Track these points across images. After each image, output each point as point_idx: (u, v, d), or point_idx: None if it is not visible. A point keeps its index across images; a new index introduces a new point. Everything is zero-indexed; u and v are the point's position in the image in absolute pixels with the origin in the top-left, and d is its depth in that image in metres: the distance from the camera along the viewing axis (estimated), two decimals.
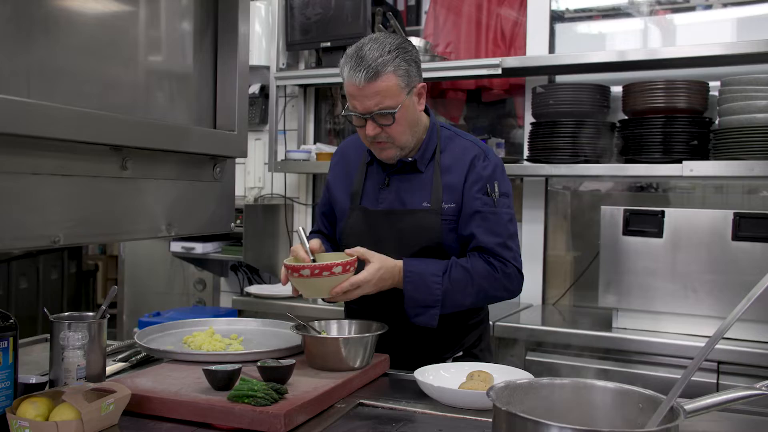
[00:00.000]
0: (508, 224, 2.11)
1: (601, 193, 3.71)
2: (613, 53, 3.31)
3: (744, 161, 2.91)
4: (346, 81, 2.03)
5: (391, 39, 2.04)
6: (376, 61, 1.97)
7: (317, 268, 1.89)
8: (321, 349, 1.87)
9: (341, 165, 2.32)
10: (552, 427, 1.09)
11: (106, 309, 1.72)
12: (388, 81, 1.99)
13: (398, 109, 2.01)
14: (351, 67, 2.00)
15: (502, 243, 2.08)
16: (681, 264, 2.85)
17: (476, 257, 2.06)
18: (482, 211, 2.08)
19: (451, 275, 2.02)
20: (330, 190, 2.32)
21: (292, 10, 3.99)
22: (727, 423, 1.69)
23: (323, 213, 2.36)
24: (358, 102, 2.03)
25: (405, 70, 2.02)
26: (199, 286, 4.59)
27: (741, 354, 2.64)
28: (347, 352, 1.86)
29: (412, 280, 2.01)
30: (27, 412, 1.41)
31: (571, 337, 2.95)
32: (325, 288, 1.92)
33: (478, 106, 4.05)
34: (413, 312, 2.02)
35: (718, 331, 1.11)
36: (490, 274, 2.05)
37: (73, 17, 1.36)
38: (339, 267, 1.90)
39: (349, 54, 2.02)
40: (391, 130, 2.04)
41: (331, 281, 1.91)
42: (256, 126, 4.38)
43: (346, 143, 2.37)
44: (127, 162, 1.46)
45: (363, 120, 2.05)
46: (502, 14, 3.85)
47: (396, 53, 2.00)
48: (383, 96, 2.00)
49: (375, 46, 2.00)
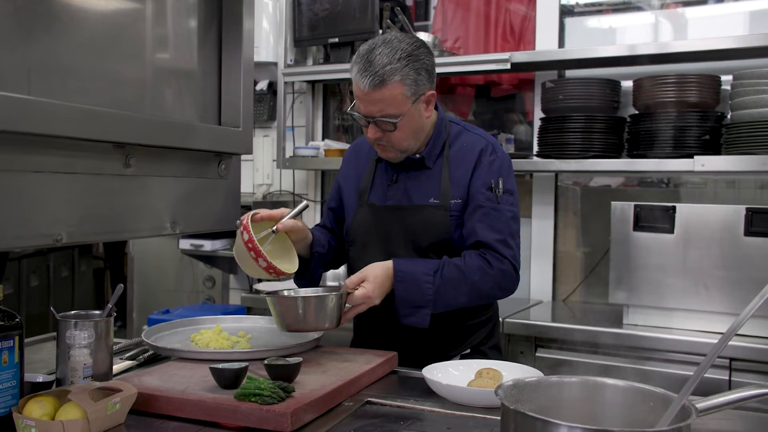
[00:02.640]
0: (509, 221, 2.09)
1: (612, 188, 3.68)
2: (623, 47, 3.28)
3: (756, 156, 2.88)
4: (353, 81, 2.01)
5: (405, 44, 2.00)
6: (384, 68, 1.94)
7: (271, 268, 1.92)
8: (278, 308, 1.88)
9: (353, 161, 2.32)
10: (561, 427, 1.08)
11: (113, 307, 1.72)
12: (393, 90, 1.96)
13: (401, 118, 1.99)
14: (359, 69, 1.97)
15: (502, 240, 2.05)
16: (692, 260, 2.83)
17: (471, 255, 2.04)
18: (484, 206, 2.07)
19: (443, 274, 1.99)
20: (340, 186, 2.31)
21: (300, 6, 3.98)
22: (739, 421, 1.67)
23: (331, 208, 2.35)
24: (362, 105, 2.01)
25: (413, 79, 1.98)
26: (208, 283, 4.59)
27: (753, 351, 2.61)
28: (305, 310, 1.86)
29: (402, 280, 1.98)
30: (33, 412, 1.40)
31: (581, 333, 2.92)
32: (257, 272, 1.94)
33: (487, 101, 4.03)
34: (404, 312, 2.00)
35: (730, 329, 1.09)
36: (483, 272, 2.02)
37: (75, 13, 1.35)
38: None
39: (360, 54, 2.00)
40: (392, 136, 2.03)
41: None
42: (264, 122, 4.38)
43: (360, 140, 2.35)
44: (130, 159, 1.45)
45: (366, 121, 2.03)
46: (511, 9, 3.83)
47: (406, 61, 1.97)
48: (387, 104, 1.98)
49: (386, 51, 1.96)
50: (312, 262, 2.19)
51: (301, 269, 2.14)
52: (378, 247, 2.14)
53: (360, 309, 1.96)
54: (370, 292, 1.93)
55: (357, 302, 1.93)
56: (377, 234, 2.14)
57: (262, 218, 2.00)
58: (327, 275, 3.72)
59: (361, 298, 1.92)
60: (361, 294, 1.92)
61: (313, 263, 2.19)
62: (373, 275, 1.95)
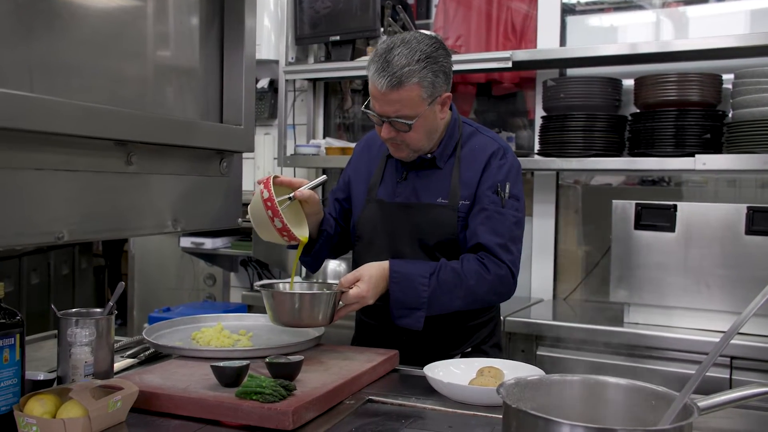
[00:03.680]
0: (512, 226, 2.08)
1: (613, 187, 3.68)
2: (624, 46, 3.28)
3: (758, 155, 2.87)
4: (369, 80, 2.00)
5: (425, 45, 1.98)
6: (402, 69, 1.93)
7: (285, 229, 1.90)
8: (272, 302, 1.89)
9: (364, 154, 2.31)
10: (563, 425, 1.08)
11: (114, 305, 1.71)
12: (410, 92, 1.95)
13: (416, 120, 1.99)
14: (376, 69, 1.96)
15: (502, 244, 2.04)
16: (693, 258, 2.83)
17: (469, 258, 2.03)
18: (488, 209, 2.06)
19: (439, 277, 1.99)
20: (350, 178, 2.30)
21: (301, 3, 3.98)
22: (740, 419, 1.67)
23: (337, 199, 2.34)
24: (378, 104, 2.00)
25: (431, 81, 1.97)
26: (209, 281, 4.59)
27: (754, 349, 2.61)
28: (299, 306, 1.87)
29: (398, 281, 1.98)
30: (34, 410, 1.40)
31: (582, 332, 2.92)
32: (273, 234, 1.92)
33: (489, 99, 4.03)
34: (398, 313, 2.00)
35: (732, 328, 1.09)
36: (480, 276, 2.00)
37: (76, 11, 1.35)
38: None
39: (379, 53, 1.98)
40: (406, 136, 2.02)
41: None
42: (265, 120, 4.37)
43: (373, 133, 2.33)
44: (132, 157, 1.45)
45: (381, 120, 2.03)
46: (512, 7, 3.83)
47: (425, 63, 1.95)
48: (403, 105, 1.97)
49: (405, 52, 1.95)
50: (320, 239, 2.19)
51: (309, 245, 2.14)
52: (384, 244, 2.14)
53: (353, 308, 1.96)
54: (364, 291, 1.93)
55: (350, 301, 1.93)
56: (384, 231, 2.14)
57: (281, 182, 2.00)
58: (327, 272, 3.72)
59: (354, 298, 1.92)
60: (354, 293, 1.92)
61: (320, 241, 2.19)
62: (368, 275, 1.95)
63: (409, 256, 2.09)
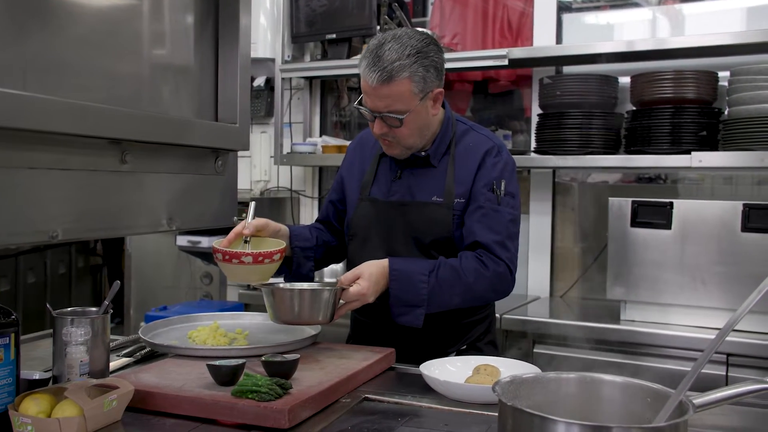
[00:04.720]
0: (509, 224, 2.08)
1: (609, 184, 3.68)
2: (621, 43, 3.29)
3: (754, 152, 2.88)
4: (361, 75, 2.00)
5: (415, 40, 1.99)
6: (392, 64, 1.94)
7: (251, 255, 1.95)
8: (272, 299, 1.89)
9: (357, 153, 2.31)
10: (558, 423, 1.07)
11: (110, 304, 1.71)
12: (401, 86, 1.96)
13: (407, 115, 1.99)
14: (367, 64, 1.97)
15: (499, 241, 2.04)
16: (690, 256, 2.83)
17: (467, 256, 2.04)
18: (484, 206, 2.06)
19: (439, 274, 1.99)
20: (343, 178, 2.30)
21: (297, 1, 3.98)
22: (736, 416, 1.67)
23: (331, 200, 2.34)
24: (369, 100, 2.01)
25: (422, 76, 1.98)
26: (205, 279, 4.58)
27: (750, 346, 2.62)
28: (299, 303, 1.87)
29: (397, 279, 1.98)
30: (29, 409, 1.40)
31: (578, 329, 2.92)
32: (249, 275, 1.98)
33: (485, 97, 4.02)
34: (398, 311, 2.00)
35: (727, 324, 1.09)
36: (479, 274, 2.01)
37: (71, 9, 1.34)
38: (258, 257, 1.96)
39: (370, 48, 1.99)
40: (398, 131, 2.02)
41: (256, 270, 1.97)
42: (261, 119, 4.37)
43: (366, 132, 2.33)
44: (126, 156, 1.44)
45: (372, 116, 2.03)
46: (508, 5, 3.83)
47: (416, 58, 1.96)
48: (394, 99, 1.97)
49: (396, 47, 1.95)
50: (294, 257, 2.19)
51: (285, 265, 2.15)
52: (378, 243, 2.14)
53: (353, 306, 1.96)
54: (364, 289, 1.93)
55: (351, 299, 1.93)
56: (378, 229, 2.14)
57: (225, 243, 2.03)
58: (324, 271, 3.72)
59: (355, 295, 1.92)
60: (355, 291, 1.92)
61: (295, 258, 2.19)
62: (368, 273, 1.95)
63: (404, 254, 2.09)
